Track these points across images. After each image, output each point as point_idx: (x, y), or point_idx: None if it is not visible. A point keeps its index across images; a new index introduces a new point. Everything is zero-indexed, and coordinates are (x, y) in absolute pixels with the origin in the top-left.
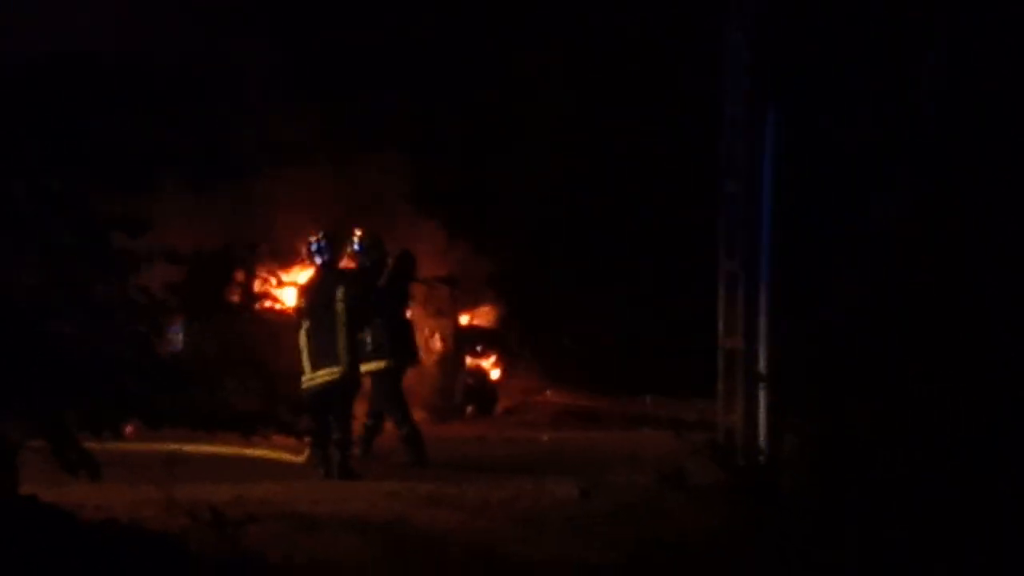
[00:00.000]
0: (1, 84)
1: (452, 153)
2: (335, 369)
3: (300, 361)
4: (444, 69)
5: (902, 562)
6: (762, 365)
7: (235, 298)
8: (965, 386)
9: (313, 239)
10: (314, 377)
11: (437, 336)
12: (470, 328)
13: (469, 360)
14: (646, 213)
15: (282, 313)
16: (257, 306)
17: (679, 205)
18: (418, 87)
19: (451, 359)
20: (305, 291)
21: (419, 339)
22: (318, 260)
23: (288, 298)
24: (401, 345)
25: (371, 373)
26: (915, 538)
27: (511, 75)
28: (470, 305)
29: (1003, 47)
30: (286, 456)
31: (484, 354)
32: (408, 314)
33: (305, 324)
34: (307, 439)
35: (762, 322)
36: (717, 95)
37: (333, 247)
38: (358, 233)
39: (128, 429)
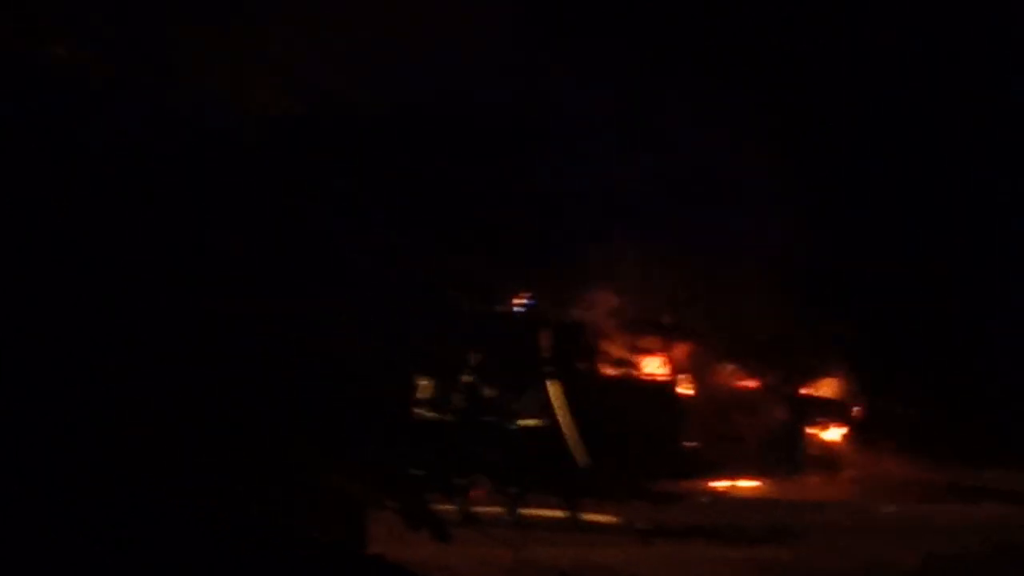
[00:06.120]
0: (335, 133)
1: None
2: None
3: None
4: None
5: None
6: None
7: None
8: None
9: None
10: None
11: (779, 405)
12: (812, 398)
13: (811, 429)
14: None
15: (640, 380)
16: (614, 373)
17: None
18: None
19: (792, 427)
20: None
21: (762, 408)
22: None
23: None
24: None
25: None
26: None
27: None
28: (813, 376)
29: None
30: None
31: (826, 424)
32: None
33: None
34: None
35: None
36: None
37: None
38: None
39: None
